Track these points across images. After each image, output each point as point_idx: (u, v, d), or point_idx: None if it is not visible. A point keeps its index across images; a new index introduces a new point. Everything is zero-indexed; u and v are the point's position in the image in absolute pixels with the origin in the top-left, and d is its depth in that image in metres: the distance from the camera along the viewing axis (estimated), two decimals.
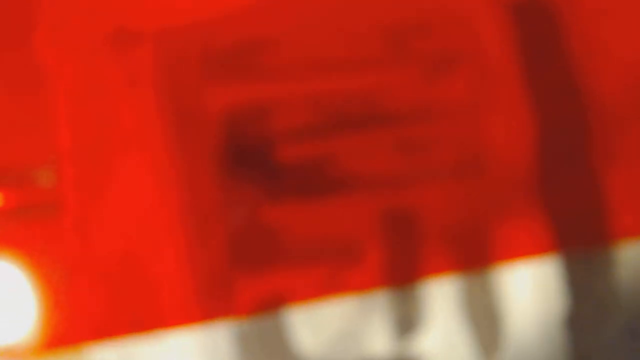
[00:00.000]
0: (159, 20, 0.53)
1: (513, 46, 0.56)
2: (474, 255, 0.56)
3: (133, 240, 0.53)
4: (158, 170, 0.53)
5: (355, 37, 0.57)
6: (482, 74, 0.57)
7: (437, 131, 0.57)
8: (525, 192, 0.55)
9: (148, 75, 0.53)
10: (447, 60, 0.57)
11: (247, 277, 0.54)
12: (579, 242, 0.56)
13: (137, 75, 0.53)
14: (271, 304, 0.54)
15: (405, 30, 0.57)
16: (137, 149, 0.53)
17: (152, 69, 0.53)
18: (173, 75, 0.54)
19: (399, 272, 0.56)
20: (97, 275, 0.53)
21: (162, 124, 0.53)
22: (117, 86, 0.53)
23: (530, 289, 0.55)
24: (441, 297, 0.56)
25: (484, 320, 0.56)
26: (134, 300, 0.53)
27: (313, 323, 0.55)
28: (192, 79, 0.54)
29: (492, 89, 0.57)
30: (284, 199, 0.56)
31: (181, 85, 0.54)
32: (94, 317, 0.53)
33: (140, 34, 0.53)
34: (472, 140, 0.57)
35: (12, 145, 0.54)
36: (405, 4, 0.57)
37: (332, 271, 0.56)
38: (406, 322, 0.56)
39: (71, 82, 0.53)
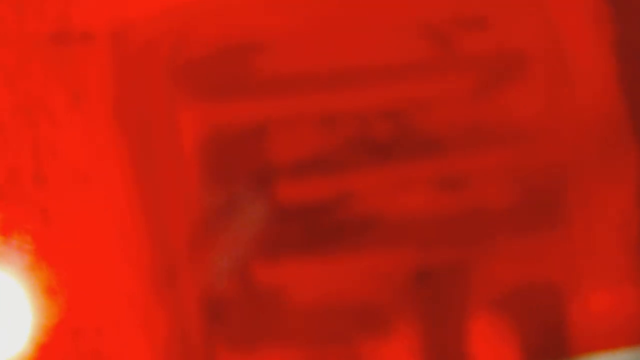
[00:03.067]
0: (115, 13, 0.37)
1: (605, 45, 0.38)
2: (538, 338, 0.39)
3: (85, 307, 0.38)
4: (115, 221, 0.37)
5: (383, 36, 0.40)
6: (558, 83, 0.39)
7: (494, 162, 0.40)
8: (621, 255, 0.37)
9: (100, 89, 0.37)
10: (510, 66, 0.40)
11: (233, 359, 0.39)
12: None
13: (84, 88, 0.37)
14: None
15: (451, 27, 0.39)
16: (85, 191, 0.37)
17: (105, 80, 0.37)
18: (134, 88, 0.38)
19: (437, 352, 0.40)
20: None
21: (119, 156, 0.37)
22: (58, 103, 0.37)
23: None
24: None
25: None
26: None
27: None
28: (160, 93, 0.38)
29: (574, 103, 0.39)
30: (284, 252, 0.40)
31: (145, 102, 0.38)
32: None
33: (89, 33, 0.37)
34: (544, 177, 0.39)
35: None
36: None
37: (349, 351, 0.39)
38: None
39: None
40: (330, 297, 0.40)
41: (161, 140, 0.39)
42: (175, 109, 0.39)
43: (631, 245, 0.37)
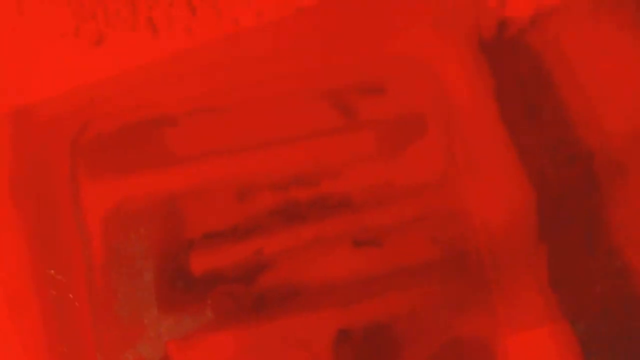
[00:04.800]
0: (17, 91, 0.36)
1: (490, 95, 0.40)
2: None
3: None
4: (13, 309, 0.34)
5: (291, 106, 0.41)
6: (455, 137, 0.40)
7: (404, 215, 0.40)
8: (537, 295, 0.37)
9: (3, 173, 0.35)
10: (411, 128, 0.41)
11: None
12: None
13: None
14: None
15: (353, 95, 0.41)
16: None
17: (2, 159, 0.35)
18: (34, 166, 0.36)
19: None
20: None
21: (15, 241, 0.35)
22: None
23: None
24: None
25: None
26: None
27: None
28: (62, 170, 0.37)
29: (470, 155, 0.40)
30: (200, 329, 0.37)
31: (45, 181, 0.37)
32: None
33: None
34: (452, 225, 0.39)
35: None
36: (347, 64, 0.40)
37: None
38: None
39: None
40: None
41: (62, 221, 0.37)
42: (78, 186, 0.37)
43: (543, 285, 0.37)
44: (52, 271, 0.35)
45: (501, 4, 0.38)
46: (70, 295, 0.35)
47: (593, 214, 0.39)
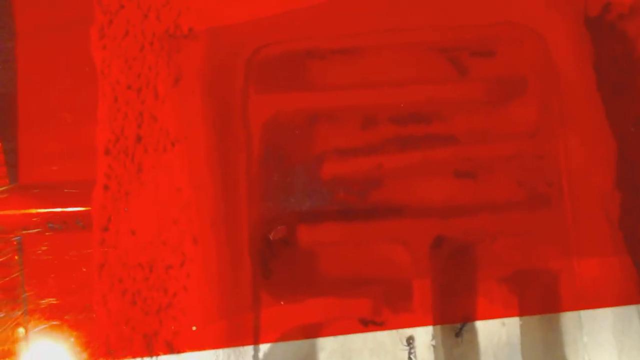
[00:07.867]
0: (212, 19, 0.46)
1: (586, 61, 0.46)
2: (540, 301, 0.44)
3: (159, 247, 0.44)
4: (194, 175, 0.44)
5: (415, 59, 0.49)
6: (550, 96, 0.47)
7: (499, 154, 0.47)
8: (605, 228, 0.43)
9: (195, 74, 0.46)
10: (514, 87, 0.48)
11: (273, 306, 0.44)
12: None
13: (183, 72, 0.46)
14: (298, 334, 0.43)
15: (464, 49, 0.48)
16: (175, 151, 0.45)
17: (199, 68, 0.46)
18: (220, 76, 0.46)
19: (450, 310, 0.45)
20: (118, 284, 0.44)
21: (205, 126, 0.45)
22: (162, 83, 0.46)
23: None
24: (494, 341, 0.43)
25: None
26: (148, 319, 0.43)
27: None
28: (237, 82, 0.47)
29: (562, 110, 0.46)
30: (325, 217, 0.46)
31: (227, 88, 0.47)
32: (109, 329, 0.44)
33: (192, 32, 0.46)
34: (539, 166, 0.46)
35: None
36: (464, 23, 0.48)
37: (373, 303, 0.45)
38: None
39: (116, 80, 0.46)
40: (359, 259, 0.46)
41: (234, 121, 0.47)
42: (247, 97, 0.47)
43: (614, 224, 0.43)
44: (227, 156, 0.45)
45: None
46: (236, 174, 0.45)
47: None
